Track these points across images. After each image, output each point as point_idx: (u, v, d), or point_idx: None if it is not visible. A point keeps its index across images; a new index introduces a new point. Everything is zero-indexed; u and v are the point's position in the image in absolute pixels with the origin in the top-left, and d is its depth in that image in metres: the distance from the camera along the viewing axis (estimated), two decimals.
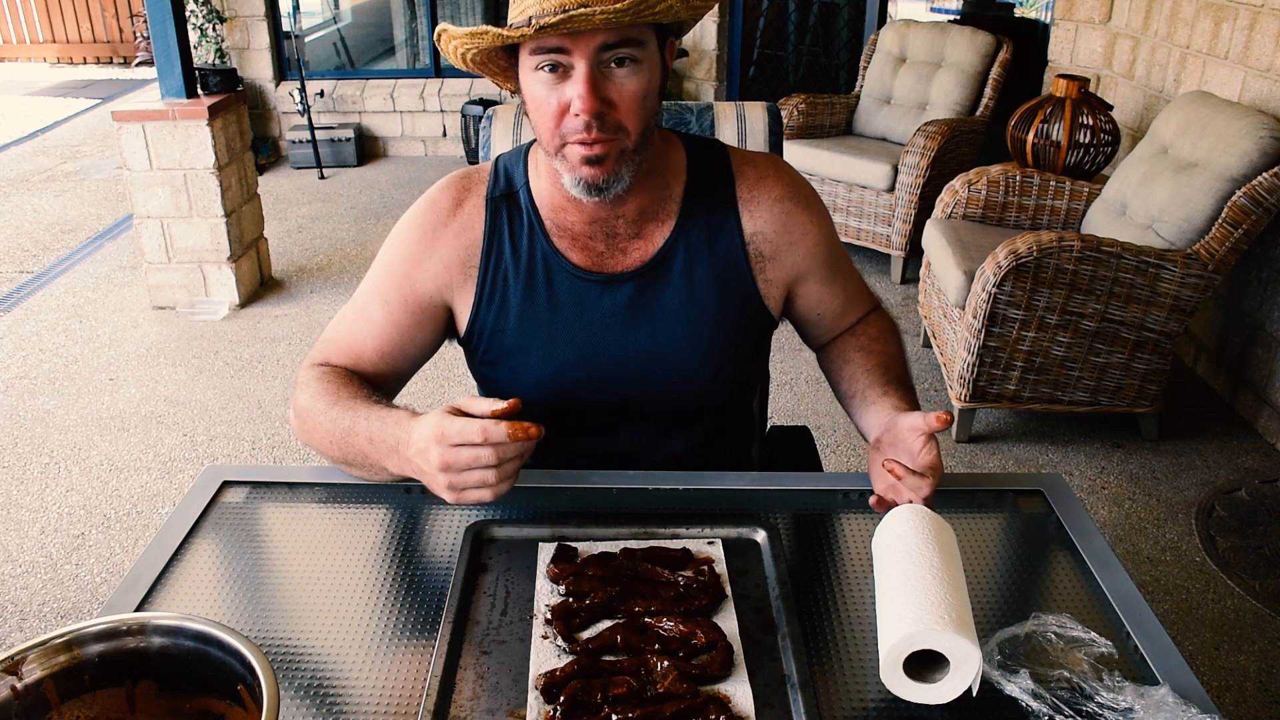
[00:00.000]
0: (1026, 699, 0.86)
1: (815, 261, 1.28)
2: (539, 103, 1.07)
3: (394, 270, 1.23)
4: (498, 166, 1.25)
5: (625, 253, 1.22)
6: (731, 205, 1.24)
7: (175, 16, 3.59)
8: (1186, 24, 3.69)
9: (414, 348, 1.26)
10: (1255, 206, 2.68)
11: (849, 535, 1.13)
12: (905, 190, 4.03)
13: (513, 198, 1.23)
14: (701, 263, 1.23)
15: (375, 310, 1.24)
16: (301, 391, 1.20)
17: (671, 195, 1.22)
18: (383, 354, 1.24)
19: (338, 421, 1.13)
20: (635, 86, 1.06)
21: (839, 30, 6.77)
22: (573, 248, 1.21)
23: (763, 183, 1.25)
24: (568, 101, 1.05)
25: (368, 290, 1.25)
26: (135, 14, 9.89)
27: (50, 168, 6.23)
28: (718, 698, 0.87)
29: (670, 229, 1.22)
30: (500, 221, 1.22)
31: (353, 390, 1.17)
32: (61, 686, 0.78)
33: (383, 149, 6.25)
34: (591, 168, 1.08)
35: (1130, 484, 2.81)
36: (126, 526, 2.61)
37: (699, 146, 1.26)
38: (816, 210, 1.28)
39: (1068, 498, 1.19)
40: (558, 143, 1.08)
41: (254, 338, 3.71)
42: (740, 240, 1.24)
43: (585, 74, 1.03)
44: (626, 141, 1.08)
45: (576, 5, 0.98)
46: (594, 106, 1.03)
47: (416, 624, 0.98)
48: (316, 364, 1.24)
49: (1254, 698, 2.05)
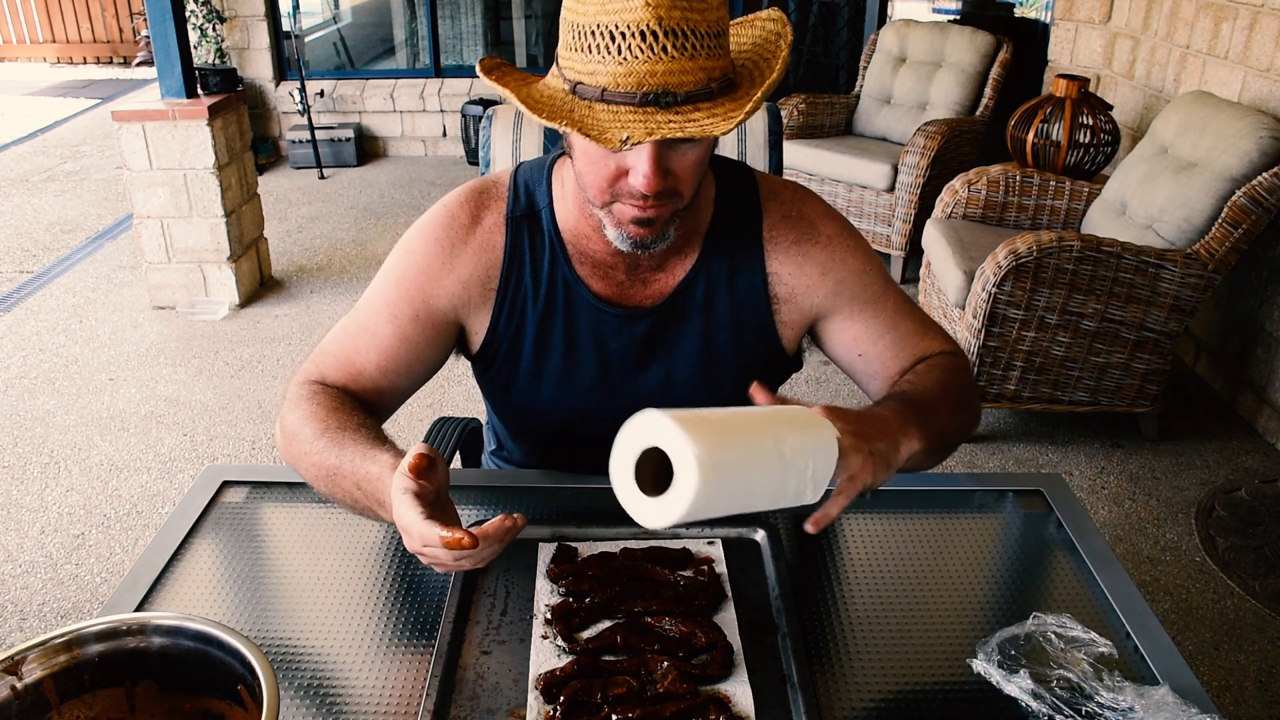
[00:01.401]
0: (1026, 699, 0.86)
1: (839, 300, 1.21)
2: (593, 161, 1.02)
3: (407, 283, 1.17)
4: (517, 182, 1.20)
5: (646, 284, 1.19)
6: (756, 242, 1.20)
7: (175, 16, 3.59)
8: (1186, 24, 3.69)
9: (420, 365, 1.20)
10: (1255, 206, 2.68)
11: (849, 535, 1.13)
12: (905, 190, 4.03)
13: (534, 218, 1.18)
14: (721, 299, 1.19)
15: (382, 324, 1.17)
16: (290, 411, 1.12)
17: (698, 229, 1.19)
18: (386, 370, 1.17)
19: (324, 455, 1.06)
20: (696, 158, 1.03)
21: (839, 30, 6.77)
22: (593, 275, 1.18)
23: (784, 222, 1.20)
24: (627, 168, 1.00)
25: (373, 302, 1.18)
26: (135, 14, 9.89)
27: (50, 168, 6.23)
28: (718, 698, 0.87)
29: (693, 263, 1.19)
30: (521, 243, 1.17)
31: (342, 420, 1.08)
32: (61, 686, 0.78)
33: (383, 149, 6.25)
34: (642, 228, 1.05)
35: (1130, 484, 2.81)
36: (126, 526, 2.61)
37: (729, 175, 1.22)
38: (840, 246, 1.21)
39: (1068, 498, 1.19)
40: (606, 199, 1.04)
41: (254, 338, 3.71)
42: (762, 279, 1.20)
43: (652, 159, 0.98)
44: (679, 204, 1.06)
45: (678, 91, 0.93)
46: (657, 186, 0.99)
47: (416, 624, 0.98)
48: (310, 380, 1.16)
49: (1254, 698, 2.05)
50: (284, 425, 1.13)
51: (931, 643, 0.96)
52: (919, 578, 1.05)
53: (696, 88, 0.94)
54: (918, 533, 1.13)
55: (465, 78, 6.28)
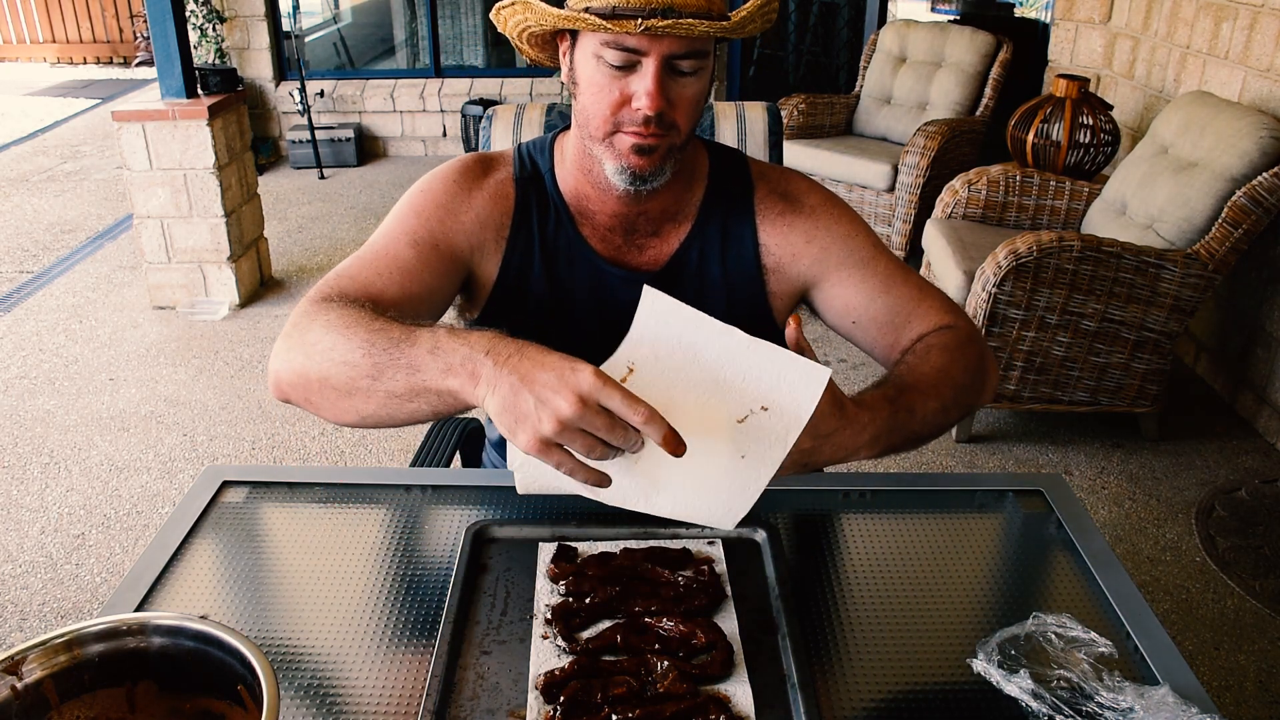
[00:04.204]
0: (1026, 699, 0.86)
1: (826, 266, 1.24)
2: (598, 89, 1.08)
3: (427, 214, 1.17)
4: (520, 152, 1.26)
5: (641, 250, 1.23)
6: (748, 213, 1.25)
7: (175, 16, 3.59)
8: (1186, 24, 3.69)
9: (437, 296, 1.16)
10: (1255, 206, 2.68)
11: (849, 535, 1.13)
12: (905, 190, 4.02)
13: (539, 181, 1.24)
14: (714, 268, 1.24)
15: (404, 249, 1.14)
16: (311, 321, 1.01)
17: (692, 199, 1.24)
18: (408, 294, 1.11)
19: (382, 334, 0.95)
20: (695, 91, 1.10)
21: (839, 30, 6.77)
22: (594, 237, 1.23)
23: (771, 195, 1.26)
24: (630, 94, 1.07)
25: (391, 231, 1.16)
26: (135, 14, 9.89)
27: (50, 168, 6.23)
28: (718, 698, 0.87)
29: (687, 231, 1.24)
30: (529, 201, 1.23)
31: (383, 319, 1.00)
32: (61, 686, 0.78)
33: (383, 149, 6.25)
34: (641, 157, 1.10)
35: (1130, 484, 2.81)
36: (126, 526, 2.61)
37: (721, 154, 1.28)
38: (825, 214, 1.25)
39: (1068, 498, 1.19)
40: (609, 128, 1.10)
41: (254, 338, 3.71)
42: (753, 249, 1.24)
43: (656, 75, 1.06)
44: (676, 138, 1.11)
45: (682, 9, 1.02)
46: (660, 106, 1.06)
47: (416, 624, 0.98)
48: (327, 298, 1.05)
49: (1254, 698, 2.05)
50: (302, 338, 1.01)
51: (931, 643, 0.96)
52: (919, 578, 1.05)
53: (699, 8, 1.04)
54: (918, 533, 1.13)
55: (465, 78, 6.29)
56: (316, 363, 0.99)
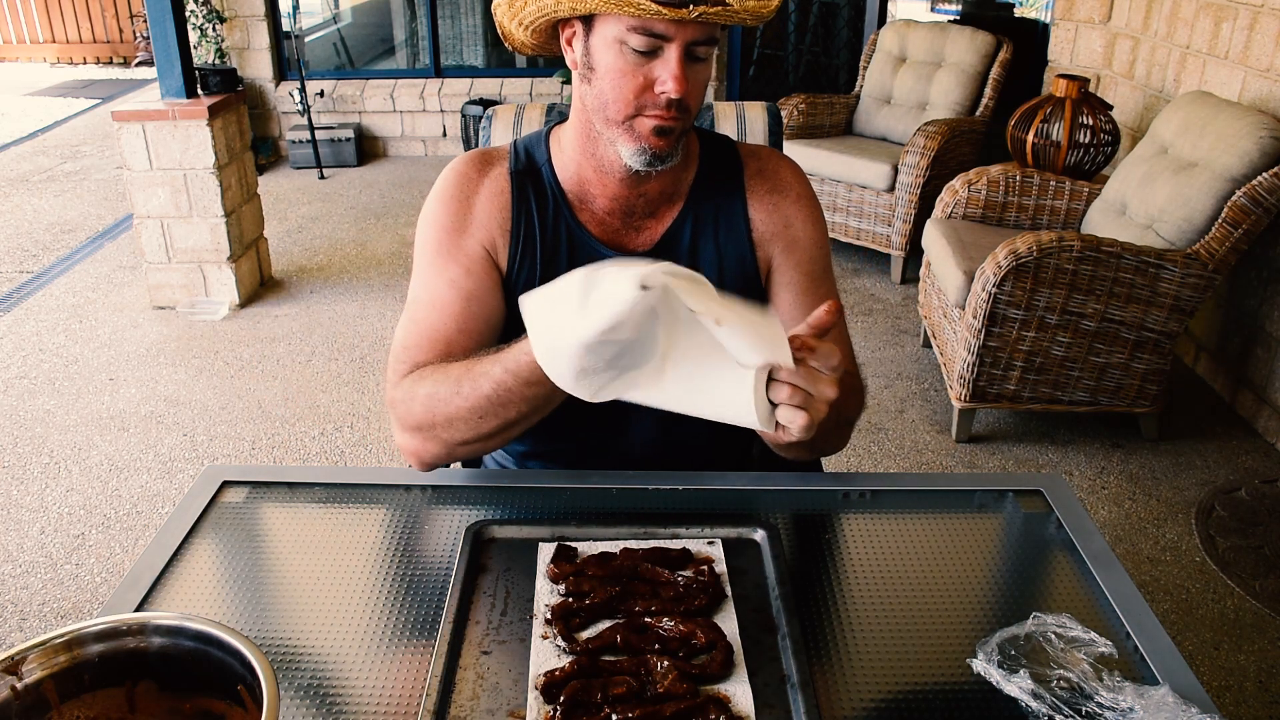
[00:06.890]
0: (1026, 699, 0.86)
1: (787, 258, 1.29)
2: (619, 74, 1.12)
3: (444, 245, 1.23)
4: (515, 147, 1.30)
5: (639, 231, 1.27)
6: (739, 190, 1.29)
7: (175, 16, 3.59)
8: (1186, 24, 3.69)
9: (493, 313, 1.23)
10: (1255, 206, 2.68)
11: (849, 535, 1.13)
12: (905, 190, 4.02)
13: (536, 173, 1.27)
14: (708, 244, 1.28)
15: (444, 291, 1.21)
16: (411, 400, 1.15)
17: (685, 179, 1.29)
18: (467, 330, 1.21)
19: (477, 384, 1.08)
20: (705, 76, 1.16)
21: (839, 30, 6.77)
22: (592, 222, 1.27)
23: (760, 174, 1.31)
24: (653, 79, 1.12)
25: (425, 281, 1.23)
26: (135, 14, 9.89)
27: (50, 168, 6.23)
28: (718, 698, 0.87)
29: (679, 209, 1.28)
30: (526, 194, 1.26)
31: (465, 363, 1.13)
32: (61, 686, 0.77)
33: (383, 149, 6.25)
34: (661, 138, 1.15)
35: (1130, 484, 2.81)
36: (126, 526, 2.61)
37: (709, 137, 1.34)
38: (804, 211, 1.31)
39: (1068, 498, 1.19)
40: (630, 112, 1.13)
41: (254, 338, 3.71)
42: (744, 223, 1.29)
43: (680, 60, 1.10)
44: (688, 121, 1.17)
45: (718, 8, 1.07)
46: (685, 90, 1.11)
47: (416, 624, 0.98)
48: (406, 375, 1.19)
49: (1254, 698, 2.05)
50: (413, 419, 1.15)
51: (931, 643, 0.96)
52: (919, 578, 1.05)
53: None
54: (918, 533, 1.13)
55: (465, 78, 6.29)
56: (439, 433, 1.14)
